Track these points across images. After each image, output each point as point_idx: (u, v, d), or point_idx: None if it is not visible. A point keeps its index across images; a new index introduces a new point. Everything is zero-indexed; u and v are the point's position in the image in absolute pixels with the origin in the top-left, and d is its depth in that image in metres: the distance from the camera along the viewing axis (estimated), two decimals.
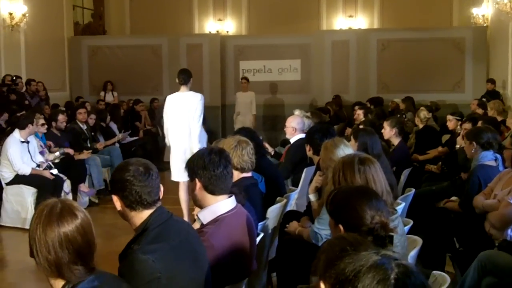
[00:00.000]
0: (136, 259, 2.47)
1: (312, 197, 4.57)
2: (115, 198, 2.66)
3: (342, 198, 2.73)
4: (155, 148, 12.49)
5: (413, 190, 5.41)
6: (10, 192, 7.89)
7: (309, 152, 5.59)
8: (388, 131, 7.12)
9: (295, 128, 6.80)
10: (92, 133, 10.14)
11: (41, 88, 12.74)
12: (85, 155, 8.96)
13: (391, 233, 2.62)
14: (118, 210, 2.68)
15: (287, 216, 4.87)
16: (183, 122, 7.46)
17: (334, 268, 1.54)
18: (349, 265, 1.49)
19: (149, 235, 2.57)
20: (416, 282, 1.46)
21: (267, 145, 7.72)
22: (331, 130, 5.86)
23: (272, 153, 7.71)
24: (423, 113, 8.92)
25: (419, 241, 3.56)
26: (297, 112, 7.38)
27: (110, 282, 2.24)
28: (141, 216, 2.63)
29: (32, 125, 7.91)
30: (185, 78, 7.71)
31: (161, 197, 2.69)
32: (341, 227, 2.64)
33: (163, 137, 8.31)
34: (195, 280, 2.66)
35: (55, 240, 2.09)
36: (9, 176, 7.88)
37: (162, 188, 2.69)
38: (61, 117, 9.26)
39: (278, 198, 4.83)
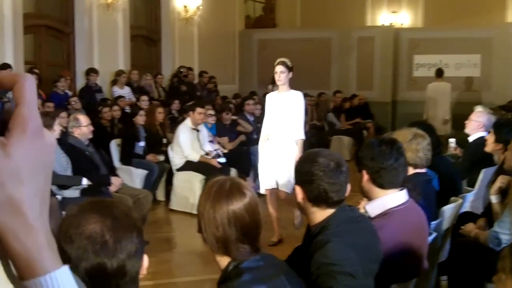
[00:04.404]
0: (335, 248, 2.32)
1: (494, 198, 4.21)
2: (298, 189, 2.50)
3: None
4: (320, 142, 12.30)
5: None
6: (180, 178, 8.12)
7: (492, 145, 5.21)
8: None
9: (482, 123, 6.23)
10: (258, 125, 10.19)
11: (211, 81, 13.12)
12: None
13: None
14: (297, 201, 2.53)
15: (462, 218, 4.52)
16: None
17: None
18: None
19: (335, 230, 2.40)
20: None
21: (456, 147, 7.07)
22: None
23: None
24: None
25: None
26: (479, 108, 6.76)
27: (275, 264, 2.18)
28: (323, 213, 2.46)
29: (193, 113, 8.03)
30: (441, 72, 12.09)
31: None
32: None
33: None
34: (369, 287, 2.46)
35: (223, 216, 2.08)
36: (179, 162, 8.12)
37: (349, 187, 2.48)
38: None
39: (452, 198, 4.45)
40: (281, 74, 6.33)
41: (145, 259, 1.67)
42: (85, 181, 5.81)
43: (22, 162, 0.64)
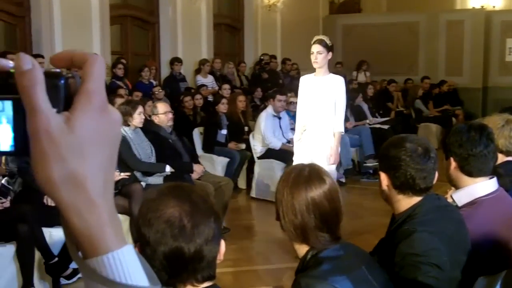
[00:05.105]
0: (421, 238, 2.22)
1: None
2: (383, 176, 2.40)
3: None
4: (406, 130, 12.02)
5: None
6: (261, 165, 8.13)
7: None
8: None
9: None
10: None
11: (294, 68, 13.04)
12: None
13: None
14: (381, 189, 2.42)
15: None
16: None
17: None
18: None
19: (422, 219, 2.29)
20: None
21: None
22: None
23: None
24: None
25: None
26: None
27: (356, 254, 2.10)
28: (409, 201, 2.36)
29: (274, 101, 8.02)
30: None
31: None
32: None
33: None
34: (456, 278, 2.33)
35: (302, 203, 2.03)
36: (261, 150, 8.13)
37: (437, 175, 2.36)
38: None
39: None
40: (318, 54, 5.42)
41: (222, 245, 1.67)
42: (168, 168, 5.91)
43: (86, 136, 0.63)
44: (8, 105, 0.64)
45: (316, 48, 5.43)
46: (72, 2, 8.67)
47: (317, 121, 5.52)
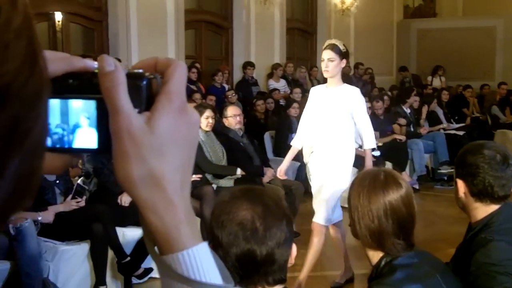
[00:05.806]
0: (498, 247, 2.17)
1: None
2: (460, 183, 2.34)
3: None
4: (482, 137, 11.66)
5: None
6: None
7: None
8: None
9: None
10: (416, 117, 9.89)
11: (367, 72, 12.89)
12: None
13: None
14: (457, 196, 2.37)
15: None
16: None
17: None
18: None
19: (499, 228, 2.24)
20: None
21: None
22: None
23: None
24: None
25: None
26: None
27: (431, 262, 2.05)
28: (486, 209, 2.30)
29: None
30: None
31: None
32: None
33: None
34: None
35: (380, 208, 1.99)
36: None
37: None
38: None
39: None
40: (329, 62, 4.58)
41: (294, 249, 1.66)
42: (239, 171, 5.94)
43: (165, 136, 0.63)
44: (92, 104, 0.66)
45: (327, 54, 4.60)
46: (148, 7, 8.88)
47: (329, 139, 4.72)
